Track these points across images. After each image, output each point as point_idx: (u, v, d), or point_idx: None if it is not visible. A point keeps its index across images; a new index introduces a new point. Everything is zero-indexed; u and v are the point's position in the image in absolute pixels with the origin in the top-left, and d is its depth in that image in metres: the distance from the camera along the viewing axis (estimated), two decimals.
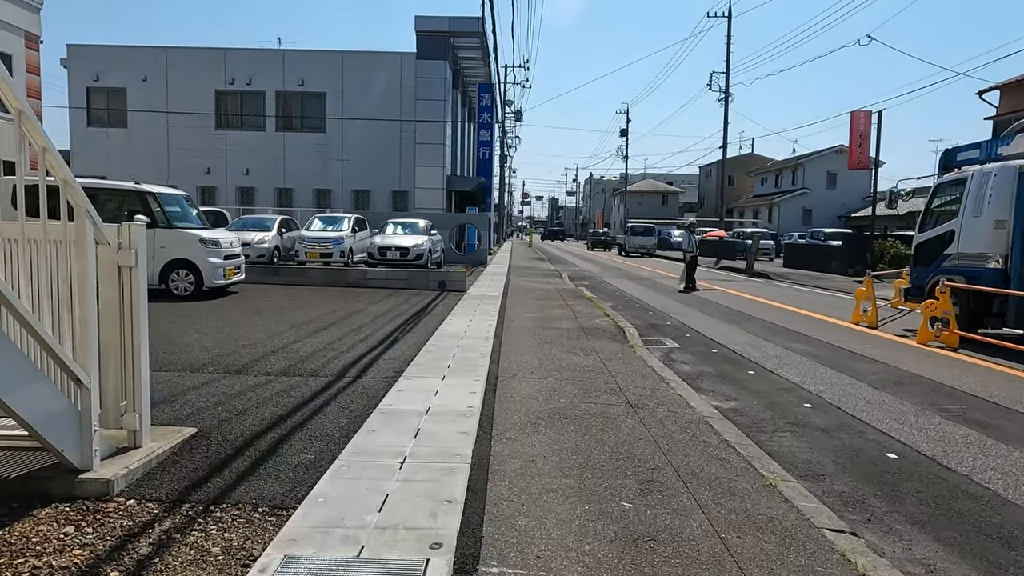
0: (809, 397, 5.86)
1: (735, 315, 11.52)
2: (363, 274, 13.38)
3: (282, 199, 28.15)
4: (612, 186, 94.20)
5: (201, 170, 27.95)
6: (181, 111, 27.51)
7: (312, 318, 8.95)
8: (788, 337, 9.17)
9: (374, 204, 28.08)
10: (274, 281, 13.39)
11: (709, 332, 9.49)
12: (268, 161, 27.91)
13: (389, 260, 18.06)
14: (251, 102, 27.88)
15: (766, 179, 61.60)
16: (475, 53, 29.70)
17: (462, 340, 7.48)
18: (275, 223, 19.17)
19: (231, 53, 27.82)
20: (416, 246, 18.12)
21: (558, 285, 15.79)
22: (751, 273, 23.09)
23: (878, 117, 21.46)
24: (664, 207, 73.56)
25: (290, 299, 11.01)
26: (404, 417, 4.35)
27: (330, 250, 18.43)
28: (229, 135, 27.96)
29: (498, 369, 6.12)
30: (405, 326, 8.56)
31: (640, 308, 12.46)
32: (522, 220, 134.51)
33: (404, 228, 19.62)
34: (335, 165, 27.96)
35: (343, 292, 12.32)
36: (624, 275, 21.85)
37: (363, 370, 5.92)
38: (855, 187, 52.87)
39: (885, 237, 22.17)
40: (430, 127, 27.18)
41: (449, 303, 11.11)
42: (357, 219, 20.46)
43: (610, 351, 7.35)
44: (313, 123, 28.01)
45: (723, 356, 7.77)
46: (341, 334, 7.78)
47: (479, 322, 8.93)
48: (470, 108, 36.66)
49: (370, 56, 27.84)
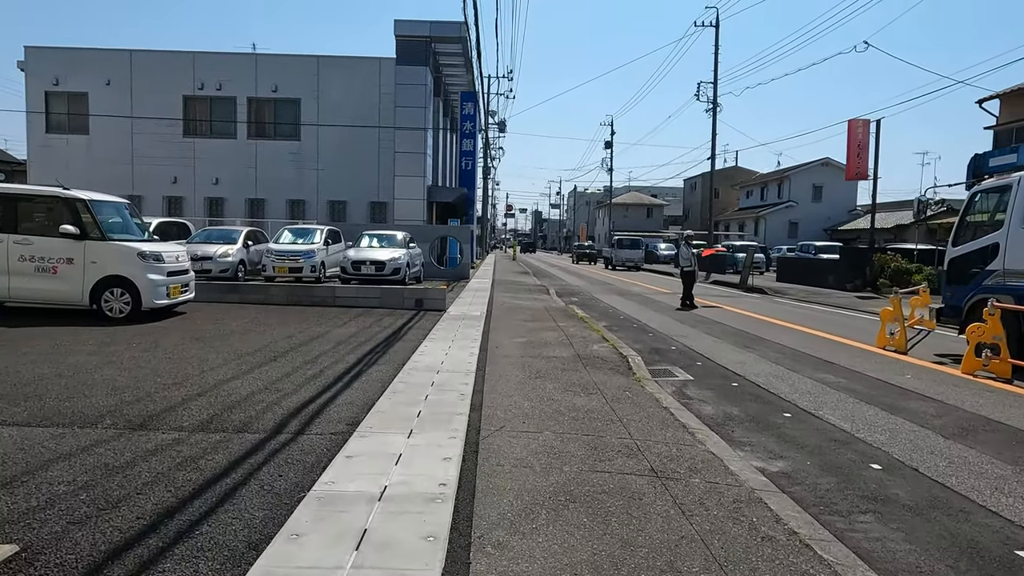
0: (872, 453, 4.67)
1: (745, 337, 10.37)
2: (332, 291, 12.05)
3: (253, 210, 26.73)
4: (596, 199, 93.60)
5: (168, 179, 26.47)
6: (147, 117, 26.05)
7: (263, 345, 7.63)
8: (813, 366, 8.01)
9: (351, 215, 26.76)
10: (232, 299, 12.03)
11: (722, 359, 8.31)
12: (239, 170, 26.50)
13: (364, 275, 16.73)
14: (221, 108, 26.50)
15: (751, 192, 61.20)
16: (457, 60, 28.61)
17: (437, 375, 6.21)
18: (241, 235, 17.78)
19: (200, 57, 26.45)
20: (393, 260, 16.83)
21: (546, 303, 14.58)
22: (746, 288, 22.07)
23: (876, 126, 20.64)
24: (649, 220, 72.93)
25: (245, 321, 9.67)
26: (347, 507, 3.07)
27: (300, 264, 17.08)
28: (198, 143, 26.53)
29: (481, 418, 4.85)
30: (372, 356, 7.27)
31: (638, 329, 11.27)
32: (506, 233, 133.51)
33: (381, 241, 18.32)
34: (310, 174, 26.63)
35: (307, 312, 10.99)
36: (614, 291, 20.70)
37: (308, 421, 4.63)
38: (841, 200, 52.57)
39: (884, 251, 21.27)
40: (410, 135, 25.96)
41: (426, 325, 9.83)
42: (330, 231, 19.13)
43: (615, 387, 6.12)
44: (287, 130, 26.67)
45: (747, 392, 6.57)
46: (293, 367, 6.48)
47: (459, 350, 7.66)
48: (452, 117, 35.54)
49: (347, 61, 26.63)
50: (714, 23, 34.87)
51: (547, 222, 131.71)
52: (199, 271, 16.33)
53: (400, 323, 10.06)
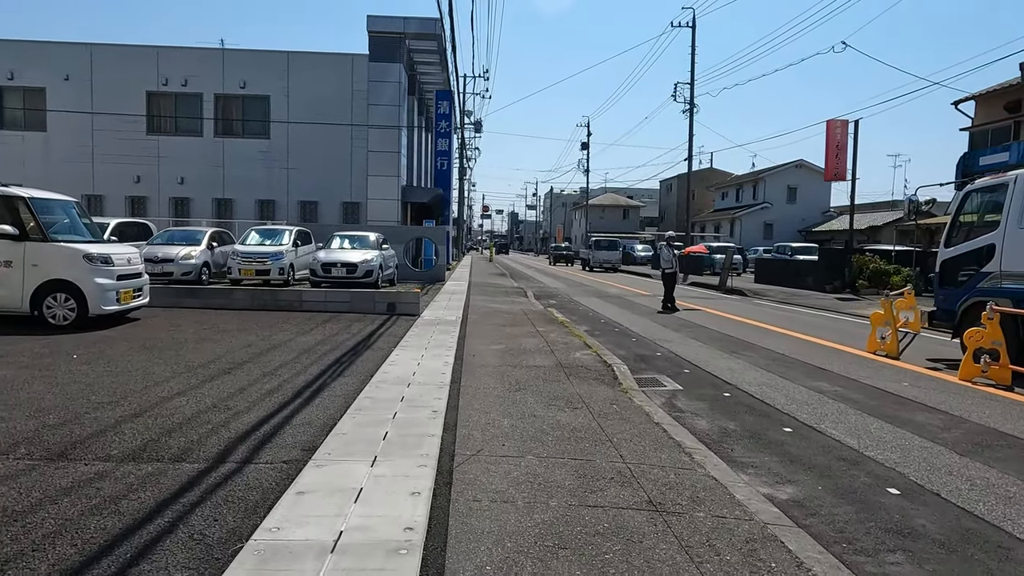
0: (887, 474, 4.25)
1: (731, 342, 9.98)
2: (298, 296, 11.40)
3: (221, 210, 25.84)
4: (573, 200, 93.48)
5: (130, 178, 25.46)
6: (108, 113, 25.02)
7: (218, 356, 7.02)
8: (805, 372, 7.63)
9: (323, 216, 26.02)
10: (191, 304, 11.32)
11: (711, 366, 7.89)
12: (206, 169, 25.60)
13: (334, 278, 16.09)
14: (187, 105, 25.57)
15: (726, 193, 61.50)
16: (432, 58, 28.02)
17: (408, 388, 5.67)
18: (205, 236, 17.02)
19: (165, 52, 25.51)
20: (365, 262, 16.22)
21: (524, 306, 14.09)
22: (725, 289, 21.83)
23: (855, 127, 20.53)
24: (625, 221, 72.92)
25: (201, 328, 9.02)
26: (291, 563, 2.54)
27: (267, 266, 16.40)
28: (162, 140, 25.57)
29: (455, 440, 4.34)
30: (337, 366, 6.70)
31: (620, 334, 10.83)
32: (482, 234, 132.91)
33: (352, 242, 17.69)
34: (280, 174, 25.83)
35: (271, 317, 10.35)
36: (593, 292, 20.30)
37: (258, 447, 4.07)
38: (815, 202, 53.03)
39: (862, 252, 21.18)
40: (384, 134, 25.30)
41: (398, 331, 9.28)
42: (300, 232, 18.44)
43: (601, 400, 5.65)
44: (256, 128, 25.84)
45: (741, 403, 6.15)
46: (249, 380, 5.89)
47: (432, 359, 7.13)
48: (428, 117, 34.91)
49: (318, 57, 25.89)
50: (691, 24, 34.75)
51: (523, 223, 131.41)
52: (160, 274, 15.58)
53: (370, 329, 9.49)
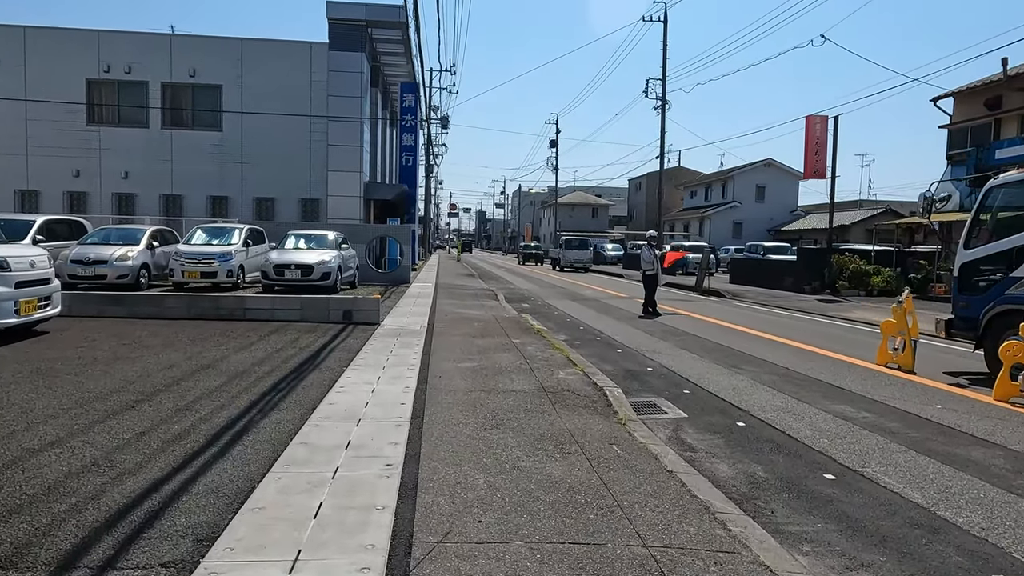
0: (982, 549, 3.26)
1: (725, 353, 9.03)
2: (241, 303, 10.07)
3: (170, 207, 24.15)
4: (541, 199, 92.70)
5: (69, 172, 23.61)
6: (43, 100, 23.13)
7: (127, 383, 5.75)
8: (820, 392, 6.69)
9: (280, 214, 24.53)
10: (117, 313, 9.93)
11: (711, 384, 6.90)
12: (152, 163, 23.87)
13: (288, 281, 14.76)
14: (131, 94, 23.80)
15: (695, 192, 61.37)
16: (397, 48, 26.68)
17: (357, 428, 4.52)
18: (145, 235, 15.50)
19: (107, 36, 23.70)
20: (322, 263, 14.91)
21: (496, 311, 12.98)
22: (701, 291, 21.06)
23: (834, 123, 19.91)
24: (594, 220, 72.37)
25: (120, 344, 7.69)
26: None
27: (214, 268, 14.99)
28: (104, 132, 23.76)
29: (414, 514, 3.20)
30: (273, 396, 5.50)
31: (603, 344, 9.80)
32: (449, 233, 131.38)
33: (309, 241, 16.36)
34: (233, 169, 24.24)
35: (208, 329, 9.04)
36: (566, 295, 19.29)
37: (132, 537, 2.88)
38: (782, 201, 53.11)
39: (841, 252, 20.61)
40: (345, 127, 23.91)
41: (353, 345, 8.08)
42: (251, 230, 17.03)
43: (598, 438, 4.58)
44: (207, 119, 24.20)
45: (761, 436, 5.14)
46: (153, 421, 4.66)
47: (391, 382, 5.98)
48: (392, 111, 33.58)
49: (274, 45, 24.38)
50: (662, 18, 34.05)
51: (491, 222, 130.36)
52: (91, 277, 14.08)
53: (321, 342, 8.27)
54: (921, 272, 19.64)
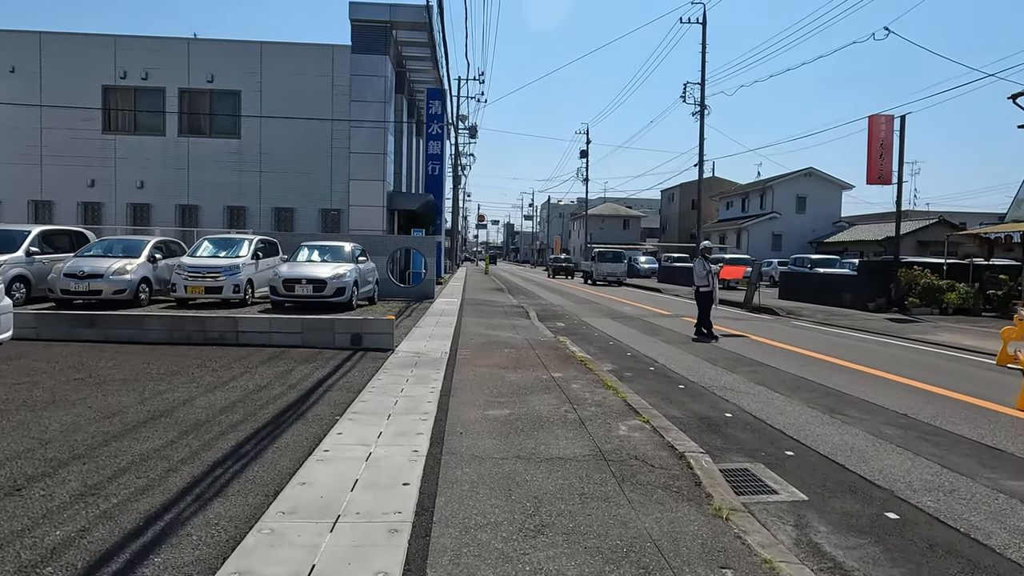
0: None
1: (817, 391, 7.31)
2: (233, 325, 8.63)
3: (186, 218, 23.14)
4: (570, 210, 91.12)
5: (83, 182, 22.74)
6: (59, 109, 22.36)
7: (40, 443, 4.30)
8: (974, 457, 4.96)
9: (300, 224, 23.34)
10: (88, 337, 8.56)
11: (818, 441, 5.22)
12: (168, 172, 22.91)
13: (299, 297, 13.40)
14: (148, 101, 22.91)
15: (731, 203, 59.20)
16: (423, 51, 25.47)
17: (331, 537, 2.97)
18: (146, 246, 14.32)
19: (123, 41, 22.87)
20: (336, 277, 13.53)
21: (528, 332, 11.41)
22: (751, 307, 19.21)
23: (900, 123, 18.00)
24: (626, 232, 70.48)
25: (70, 378, 6.30)
26: None
27: (219, 282, 13.73)
28: (120, 140, 22.88)
29: None
30: (220, 472, 3.99)
31: (660, 376, 8.14)
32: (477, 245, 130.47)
33: (323, 253, 15.01)
34: (252, 178, 23.15)
35: (188, 358, 7.62)
36: (604, 312, 17.63)
37: None
38: (824, 212, 50.78)
39: (910, 265, 18.60)
40: (367, 134, 22.74)
41: (355, 381, 6.57)
42: (263, 241, 15.77)
43: (698, 555, 2.97)
44: (225, 126, 23.18)
45: (935, 541, 3.46)
46: (42, 511, 3.19)
47: (393, 445, 4.43)
48: (418, 119, 32.36)
49: (295, 48, 23.31)
50: (700, 20, 32.42)
51: (519, 234, 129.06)
52: (85, 293, 12.87)
53: (318, 376, 6.78)
54: (1003, 288, 17.56)
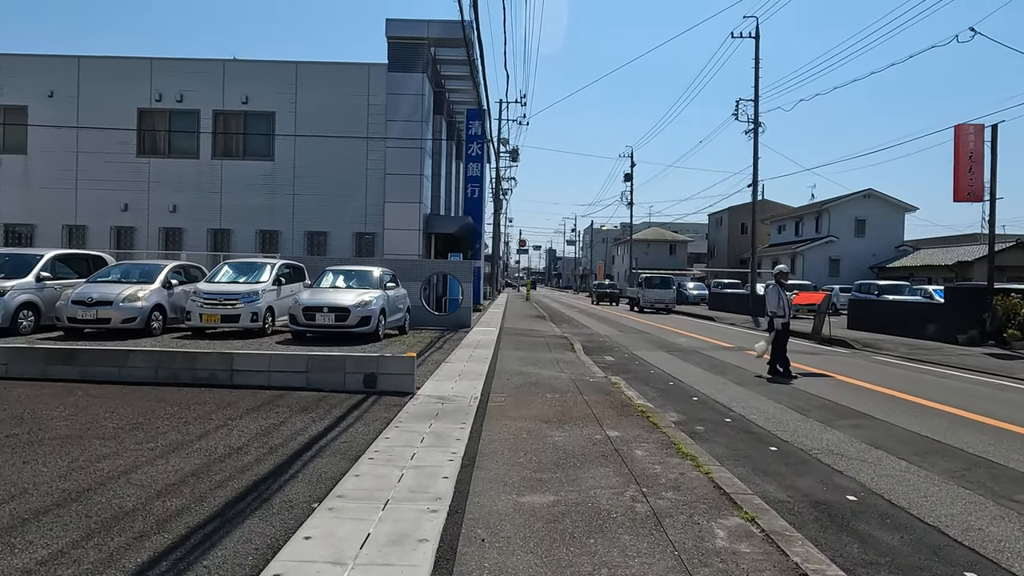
0: None
1: (960, 459, 5.58)
2: (228, 362, 7.32)
3: (218, 242, 22.45)
4: (613, 235, 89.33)
5: (117, 206, 22.31)
6: (95, 133, 22.07)
7: None
8: None
9: (333, 248, 22.39)
10: (63, 375, 7.36)
11: (1018, 560, 3.58)
12: (201, 195, 22.32)
13: (320, 327, 12.19)
14: (182, 123, 22.45)
15: (783, 227, 56.66)
16: (462, 71, 24.50)
17: None
18: (163, 271, 13.36)
19: (159, 64, 22.54)
20: (360, 305, 12.29)
21: (574, 369, 9.88)
22: (821, 339, 17.21)
23: (992, 133, 16.00)
24: (672, 257, 68.30)
25: (8, 432, 5.07)
26: None
27: (237, 310, 12.65)
28: (153, 163, 22.43)
29: None
30: None
31: (742, 432, 6.51)
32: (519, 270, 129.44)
33: (349, 279, 13.82)
34: (284, 200, 22.37)
35: (164, 403, 6.36)
36: (656, 344, 15.95)
37: None
38: (886, 235, 47.94)
39: (1007, 292, 16.40)
40: (404, 154, 21.75)
41: (355, 443, 5.17)
42: (287, 266, 14.71)
43: None
44: (259, 148, 22.53)
45: None
46: None
47: (377, 570, 2.99)
48: (458, 140, 31.41)
49: (331, 68, 22.59)
50: (753, 34, 30.78)
51: (562, 260, 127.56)
52: (94, 321, 11.90)
53: (311, 434, 5.40)
54: None
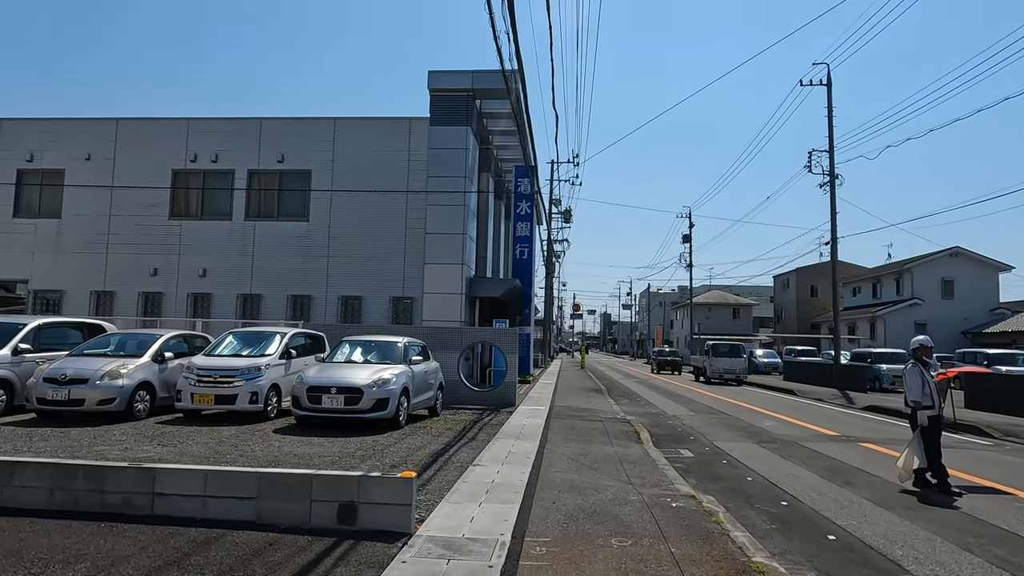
0: None
1: None
2: (148, 481, 4.96)
3: (247, 308, 20.92)
4: (670, 299, 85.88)
5: (146, 271, 21.17)
6: (127, 196, 21.23)
7: None
8: None
9: (368, 314, 20.53)
10: None
11: None
12: (232, 258, 20.99)
13: (327, 412, 10.00)
14: (216, 183, 21.41)
15: (859, 289, 52.61)
16: (510, 125, 22.92)
17: None
18: (156, 342, 11.54)
19: (196, 123, 21.77)
20: (377, 384, 10.07)
21: (645, 476, 7.30)
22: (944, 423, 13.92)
23: None
24: (735, 321, 64.36)
25: None
26: None
27: (234, 389, 10.65)
28: (185, 225, 21.33)
29: None
30: None
31: None
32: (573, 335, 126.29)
33: (368, 351, 11.68)
34: (319, 263, 20.79)
35: (18, 558, 4.17)
36: (740, 430, 13.11)
37: None
38: (978, 297, 43.49)
39: None
40: (446, 212, 20.01)
41: None
42: (303, 336, 12.75)
43: None
44: (293, 208, 21.20)
45: None
46: None
47: None
48: (507, 201, 29.72)
49: (370, 123, 21.33)
50: (824, 81, 28.49)
51: (617, 325, 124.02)
52: (66, 402, 10.01)
53: None
54: None
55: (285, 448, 8.37)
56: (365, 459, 7.82)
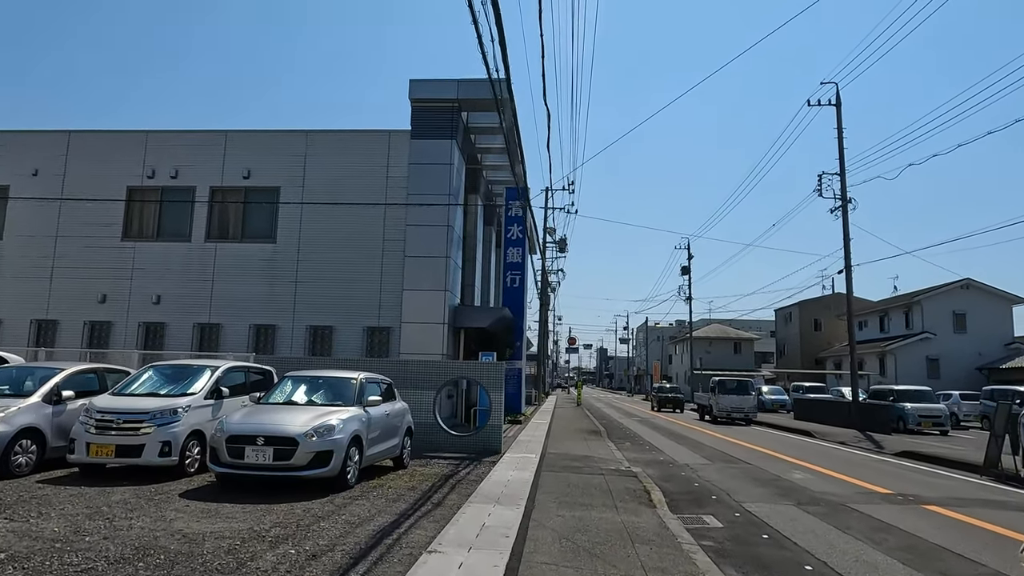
0: None
1: None
2: None
3: (204, 339, 18.74)
4: (668, 334, 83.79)
5: (94, 298, 19.04)
6: (77, 216, 19.23)
7: None
8: None
9: (340, 346, 18.38)
10: None
11: None
12: (189, 284, 18.89)
13: (251, 468, 7.79)
14: (175, 201, 19.44)
15: (865, 322, 50.70)
16: (500, 143, 21.11)
17: None
18: (54, 378, 9.37)
19: (155, 137, 19.88)
20: (319, 433, 7.90)
21: (663, 557, 5.13)
22: (1004, 474, 11.75)
23: None
24: (737, 356, 62.20)
25: None
26: None
27: (141, 439, 8.48)
28: (139, 247, 19.28)
29: None
30: None
31: None
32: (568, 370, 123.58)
33: (314, 390, 9.48)
34: (286, 290, 18.70)
35: None
36: (767, 485, 10.90)
37: None
38: (992, 331, 41.57)
39: None
40: (428, 233, 18.02)
41: None
42: (238, 370, 10.57)
43: None
44: (259, 229, 19.20)
45: None
46: None
47: None
48: (497, 226, 27.81)
49: (344, 136, 19.50)
50: (834, 101, 26.94)
51: (614, 359, 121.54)
52: None
53: None
54: None
55: (177, 523, 6.16)
56: (278, 543, 5.62)
